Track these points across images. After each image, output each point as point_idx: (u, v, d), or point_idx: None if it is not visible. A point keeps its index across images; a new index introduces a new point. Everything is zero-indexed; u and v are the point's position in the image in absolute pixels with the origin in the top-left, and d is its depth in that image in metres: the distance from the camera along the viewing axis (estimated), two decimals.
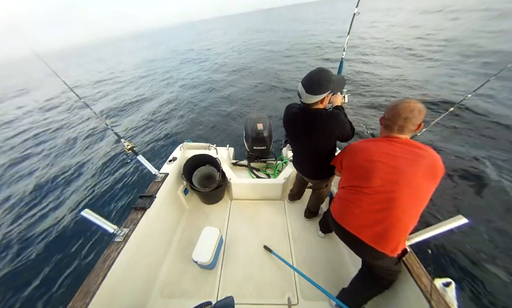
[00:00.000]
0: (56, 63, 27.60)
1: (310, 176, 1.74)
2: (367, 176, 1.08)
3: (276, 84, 7.71)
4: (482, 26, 11.72)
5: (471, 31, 11.22)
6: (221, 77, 9.70)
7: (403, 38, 11.89)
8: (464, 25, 12.86)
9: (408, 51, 9.38)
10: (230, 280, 1.70)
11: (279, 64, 10.39)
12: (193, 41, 26.91)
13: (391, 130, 1.09)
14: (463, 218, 1.02)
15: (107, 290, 1.17)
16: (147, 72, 13.50)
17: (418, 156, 0.99)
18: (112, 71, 15.98)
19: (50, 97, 10.83)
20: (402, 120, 1.03)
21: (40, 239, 3.15)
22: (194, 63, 13.68)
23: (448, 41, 9.87)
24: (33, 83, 15.21)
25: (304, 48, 13.38)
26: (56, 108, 9.07)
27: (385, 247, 1.02)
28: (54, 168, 4.82)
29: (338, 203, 1.24)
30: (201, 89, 8.41)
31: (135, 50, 29.90)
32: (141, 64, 16.67)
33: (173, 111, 6.80)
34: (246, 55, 14.11)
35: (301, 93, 1.25)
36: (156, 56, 19.86)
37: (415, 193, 0.97)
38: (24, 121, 8.39)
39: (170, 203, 2.05)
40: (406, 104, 1.02)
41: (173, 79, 10.60)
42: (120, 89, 10.26)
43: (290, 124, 1.48)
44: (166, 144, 5.03)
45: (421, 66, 7.55)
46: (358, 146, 1.21)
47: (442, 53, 8.45)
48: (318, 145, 1.42)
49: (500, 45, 8.14)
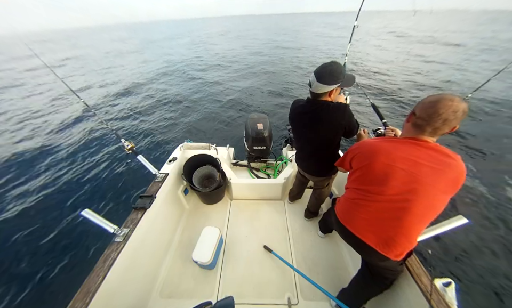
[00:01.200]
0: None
1: (313, 173, 1.73)
2: (382, 182, 0.98)
3: (276, 88, 7.72)
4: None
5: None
6: (221, 77, 9.69)
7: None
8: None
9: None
10: (230, 280, 1.70)
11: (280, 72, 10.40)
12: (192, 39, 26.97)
13: (422, 131, 0.92)
14: (463, 218, 1.02)
15: (107, 290, 1.17)
16: (145, 71, 13.49)
17: (447, 166, 0.86)
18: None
19: (48, 96, 10.84)
20: (441, 121, 0.85)
21: (40, 239, 3.15)
22: (194, 63, 13.68)
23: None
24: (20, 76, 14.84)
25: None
26: (54, 108, 9.07)
27: (390, 253, 0.99)
28: (54, 168, 4.82)
29: (344, 204, 1.18)
30: (201, 89, 8.41)
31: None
32: (138, 63, 16.69)
33: (173, 111, 6.80)
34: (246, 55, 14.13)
35: (312, 82, 1.27)
36: (155, 54, 19.87)
37: (431, 204, 0.89)
38: (16, 118, 8.37)
39: (170, 203, 2.05)
40: (449, 102, 0.82)
41: (172, 79, 10.61)
42: (118, 88, 10.27)
43: (298, 116, 1.48)
44: (166, 144, 5.03)
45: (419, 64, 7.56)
46: (376, 145, 1.05)
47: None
48: (324, 138, 1.42)
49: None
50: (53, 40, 51.05)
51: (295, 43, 19.07)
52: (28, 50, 1.82)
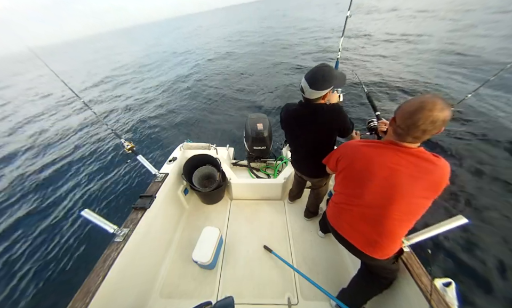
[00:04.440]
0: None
1: (308, 174, 1.74)
2: (360, 187, 1.02)
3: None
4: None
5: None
6: (220, 77, 9.69)
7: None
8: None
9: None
10: (230, 280, 1.70)
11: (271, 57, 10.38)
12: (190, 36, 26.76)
13: (403, 139, 0.91)
14: (463, 218, 1.02)
15: (107, 290, 1.17)
16: (145, 72, 13.50)
17: (427, 172, 0.86)
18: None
19: (47, 97, 10.84)
20: (420, 132, 0.84)
21: (39, 239, 3.15)
22: (193, 62, 13.66)
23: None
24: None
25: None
26: (53, 108, 9.08)
27: (375, 254, 1.04)
28: (53, 168, 4.82)
29: (332, 207, 1.24)
30: (201, 89, 8.41)
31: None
32: (132, 63, 16.70)
33: (172, 111, 6.80)
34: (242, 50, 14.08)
35: (305, 88, 1.26)
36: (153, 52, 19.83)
37: (408, 210, 0.92)
38: (20, 122, 8.38)
39: (170, 203, 2.05)
40: (428, 112, 0.79)
41: (172, 79, 10.60)
42: (118, 89, 10.27)
43: (291, 120, 1.48)
44: (166, 144, 5.03)
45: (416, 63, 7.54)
46: (357, 149, 1.07)
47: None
48: (319, 140, 1.42)
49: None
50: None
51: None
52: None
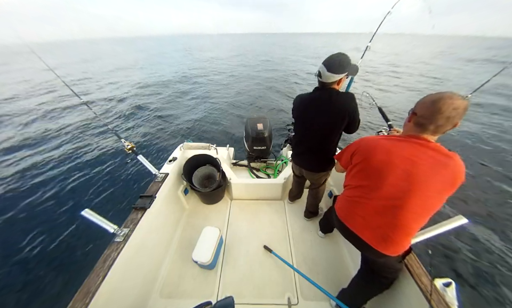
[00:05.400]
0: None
1: (309, 168, 1.73)
2: (378, 178, 1.00)
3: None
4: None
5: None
6: (221, 77, 9.70)
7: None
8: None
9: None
10: (230, 280, 1.70)
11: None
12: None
13: (425, 129, 0.93)
14: (463, 218, 1.02)
15: (107, 290, 1.17)
16: (147, 73, 13.51)
17: (445, 167, 0.87)
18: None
19: (45, 96, 10.84)
20: (444, 119, 0.86)
21: (39, 239, 3.15)
22: (192, 61, 13.68)
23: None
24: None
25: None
26: (52, 108, 9.07)
27: (386, 250, 1.01)
28: (54, 168, 4.82)
29: (343, 201, 1.21)
30: (201, 88, 8.41)
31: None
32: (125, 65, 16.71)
33: (173, 111, 6.80)
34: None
35: (322, 72, 1.34)
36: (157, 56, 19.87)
37: (426, 204, 0.91)
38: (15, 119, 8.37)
39: (170, 203, 2.05)
40: (450, 100, 0.84)
41: (172, 79, 10.61)
42: (119, 90, 10.27)
43: (306, 103, 1.52)
44: (166, 144, 5.03)
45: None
46: (376, 142, 1.07)
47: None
48: (328, 127, 1.45)
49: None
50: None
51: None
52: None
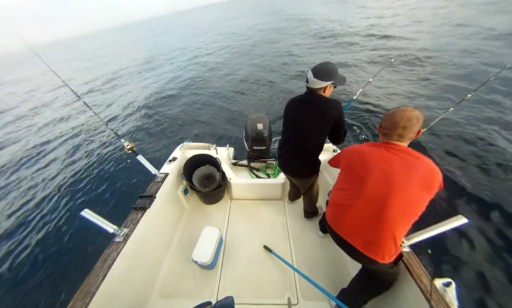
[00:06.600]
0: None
1: (290, 172, 1.76)
2: (360, 180, 1.09)
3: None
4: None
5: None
6: (221, 75, 9.70)
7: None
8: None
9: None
10: (230, 280, 1.70)
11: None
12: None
13: (390, 138, 1.10)
14: (463, 218, 1.02)
15: (107, 290, 1.17)
16: (145, 70, 13.49)
17: (413, 166, 0.99)
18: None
19: (46, 96, 10.84)
20: (400, 129, 1.04)
21: (40, 239, 3.15)
22: (191, 62, 13.66)
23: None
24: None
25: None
26: (53, 108, 9.08)
27: (375, 254, 1.03)
28: (54, 168, 4.83)
29: (331, 208, 1.25)
30: (200, 89, 8.42)
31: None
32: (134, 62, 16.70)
33: (172, 111, 6.80)
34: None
35: (309, 78, 1.40)
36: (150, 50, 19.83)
37: (407, 202, 0.96)
38: (20, 123, 8.38)
39: (170, 203, 2.05)
40: (403, 112, 1.03)
41: (170, 78, 10.60)
42: (119, 89, 10.27)
43: (293, 104, 1.57)
44: (166, 144, 5.03)
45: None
46: (356, 148, 1.22)
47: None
48: (314, 130, 1.48)
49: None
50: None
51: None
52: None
